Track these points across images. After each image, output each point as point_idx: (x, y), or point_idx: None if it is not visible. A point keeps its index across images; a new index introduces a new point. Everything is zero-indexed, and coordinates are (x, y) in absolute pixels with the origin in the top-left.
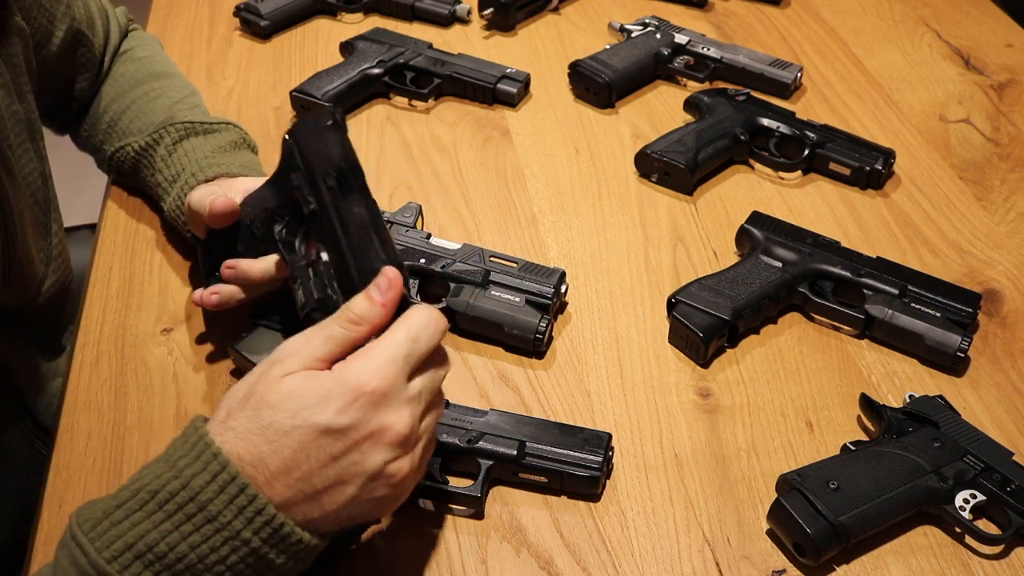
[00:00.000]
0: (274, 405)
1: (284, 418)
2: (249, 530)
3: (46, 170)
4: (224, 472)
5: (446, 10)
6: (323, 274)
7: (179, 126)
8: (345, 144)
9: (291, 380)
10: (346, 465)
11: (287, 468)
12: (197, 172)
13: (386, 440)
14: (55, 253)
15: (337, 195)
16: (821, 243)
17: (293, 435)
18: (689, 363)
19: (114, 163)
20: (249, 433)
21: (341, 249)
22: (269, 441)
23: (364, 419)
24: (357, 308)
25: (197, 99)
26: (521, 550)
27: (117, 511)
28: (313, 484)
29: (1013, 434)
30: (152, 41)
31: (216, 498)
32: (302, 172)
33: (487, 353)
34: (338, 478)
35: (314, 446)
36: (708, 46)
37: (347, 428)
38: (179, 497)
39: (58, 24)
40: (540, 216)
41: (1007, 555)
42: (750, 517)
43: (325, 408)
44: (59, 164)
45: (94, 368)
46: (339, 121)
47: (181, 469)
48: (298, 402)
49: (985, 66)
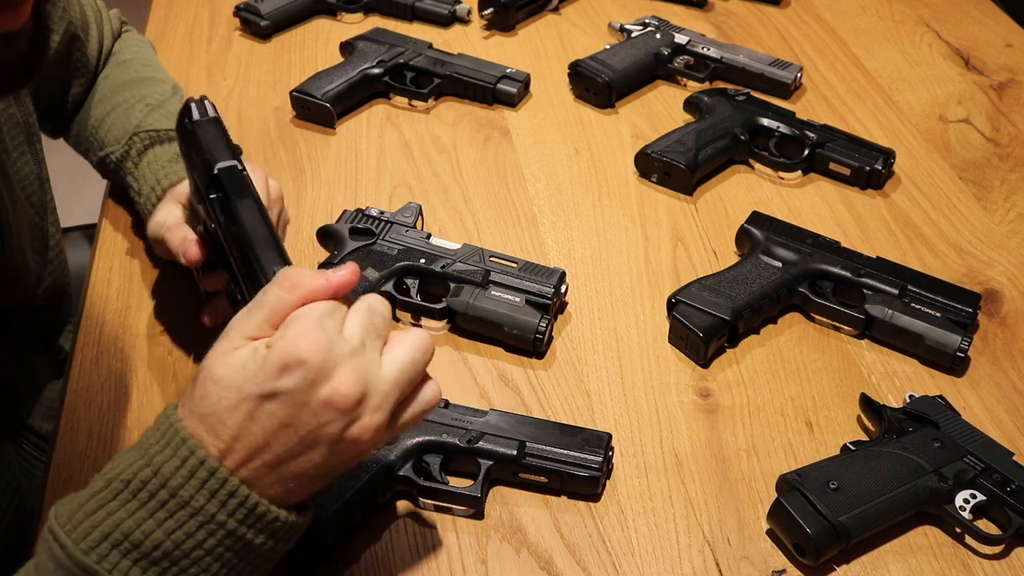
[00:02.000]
0: (219, 379)
1: (230, 392)
2: (223, 512)
3: (43, 173)
4: (193, 456)
5: (446, 10)
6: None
7: (143, 135)
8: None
9: (236, 353)
10: (303, 432)
11: (241, 441)
12: (155, 186)
13: (336, 405)
14: (52, 256)
15: (225, 209)
16: (821, 243)
17: (241, 408)
18: (689, 363)
19: (102, 170)
20: (203, 412)
21: (235, 271)
22: (221, 419)
23: (303, 381)
24: (292, 274)
25: (175, 103)
26: (521, 550)
27: (90, 501)
28: (274, 451)
29: (1013, 434)
30: (139, 43)
31: (187, 483)
32: (195, 186)
33: (487, 353)
34: (301, 444)
35: (260, 413)
36: (708, 46)
37: (287, 391)
38: (151, 484)
39: (55, 27)
40: (540, 216)
41: (1007, 555)
42: (750, 517)
43: (263, 376)
44: (59, 165)
45: (94, 368)
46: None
47: (152, 456)
48: (241, 374)
49: (985, 66)
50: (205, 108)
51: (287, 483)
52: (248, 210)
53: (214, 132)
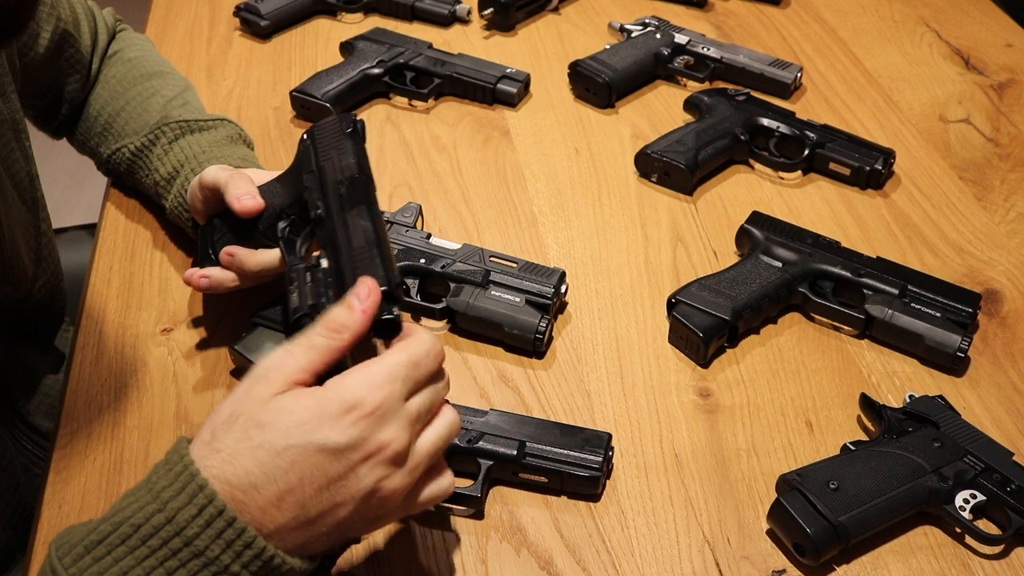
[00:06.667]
0: (264, 424)
1: (276, 437)
2: (238, 564)
3: (32, 170)
4: (211, 506)
5: (446, 10)
6: (320, 281)
7: (174, 125)
8: (361, 154)
9: (281, 398)
10: (342, 486)
11: (281, 494)
12: (196, 167)
13: (382, 457)
14: (45, 253)
15: (346, 204)
16: (821, 243)
17: (286, 455)
18: (689, 363)
19: (111, 165)
20: (238, 455)
21: (341, 260)
22: (260, 463)
23: (362, 437)
24: (337, 316)
25: (191, 95)
26: (521, 550)
27: (99, 547)
28: (308, 510)
29: (1013, 434)
30: (142, 41)
31: (203, 533)
32: (315, 175)
33: (487, 353)
34: (333, 501)
35: (310, 466)
36: (708, 46)
37: (345, 447)
38: (164, 532)
39: (43, 25)
40: (540, 216)
41: (1007, 555)
42: (750, 517)
43: (320, 425)
44: (59, 164)
45: (94, 368)
46: (359, 130)
47: (166, 501)
48: (288, 419)
49: (985, 66)
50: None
51: (306, 537)
52: (378, 216)
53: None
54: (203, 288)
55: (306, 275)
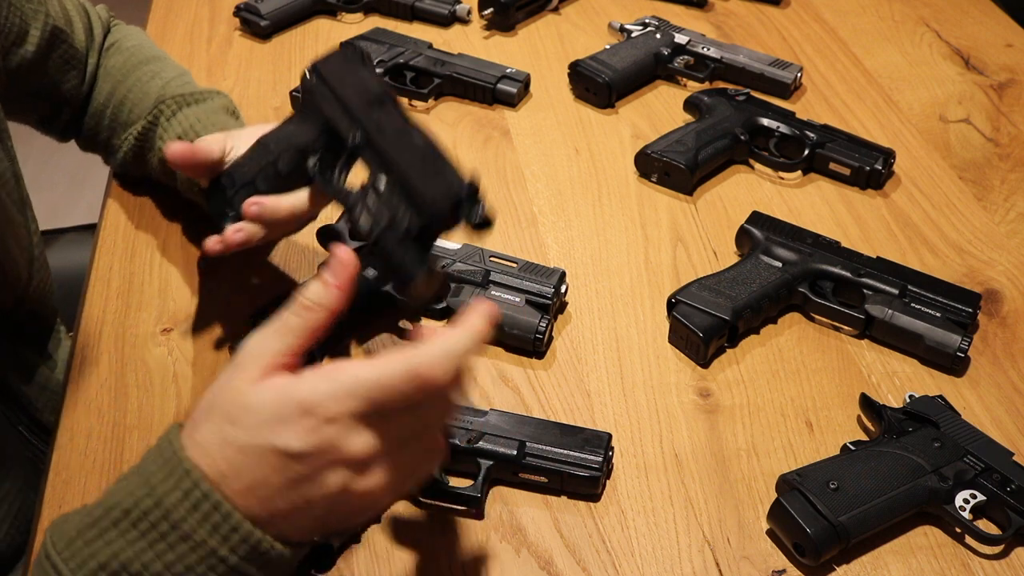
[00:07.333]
0: (234, 419)
1: (241, 435)
2: (226, 547)
3: (17, 170)
4: (196, 489)
5: (446, 10)
6: (385, 197)
7: (170, 101)
8: (377, 75)
9: (252, 390)
10: (308, 487)
11: (248, 487)
12: (201, 131)
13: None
14: (36, 253)
15: (386, 123)
16: (821, 243)
17: (251, 453)
18: (689, 363)
19: (122, 155)
20: (210, 447)
21: (407, 173)
22: (227, 458)
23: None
24: (311, 293)
25: (188, 77)
26: (521, 550)
27: (90, 530)
28: (277, 505)
29: (1013, 434)
30: (137, 31)
31: (190, 516)
32: (338, 104)
33: (487, 353)
34: (303, 498)
35: (270, 467)
36: (708, 46)
37: (301, 454)
38: (152, 516)
39: (31, 22)
40: (540, 216)
41: (1007, 555)
42: (750, 517)
43: (278, 427)
44: (59, 165)
45: (94, 368)
46: (365, 56)
47: (154, 486)
48: (254, 417)
49: (985, 66)
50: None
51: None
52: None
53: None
54: (236, 244)
55: (365, 198)
